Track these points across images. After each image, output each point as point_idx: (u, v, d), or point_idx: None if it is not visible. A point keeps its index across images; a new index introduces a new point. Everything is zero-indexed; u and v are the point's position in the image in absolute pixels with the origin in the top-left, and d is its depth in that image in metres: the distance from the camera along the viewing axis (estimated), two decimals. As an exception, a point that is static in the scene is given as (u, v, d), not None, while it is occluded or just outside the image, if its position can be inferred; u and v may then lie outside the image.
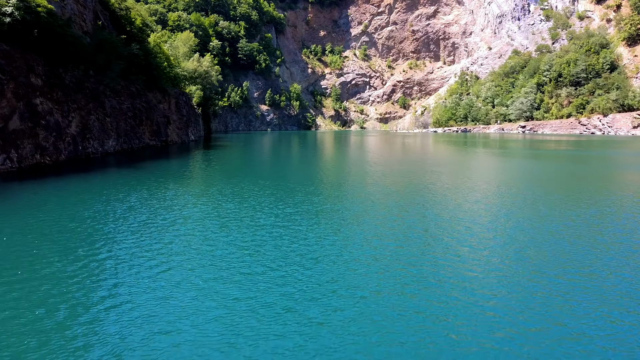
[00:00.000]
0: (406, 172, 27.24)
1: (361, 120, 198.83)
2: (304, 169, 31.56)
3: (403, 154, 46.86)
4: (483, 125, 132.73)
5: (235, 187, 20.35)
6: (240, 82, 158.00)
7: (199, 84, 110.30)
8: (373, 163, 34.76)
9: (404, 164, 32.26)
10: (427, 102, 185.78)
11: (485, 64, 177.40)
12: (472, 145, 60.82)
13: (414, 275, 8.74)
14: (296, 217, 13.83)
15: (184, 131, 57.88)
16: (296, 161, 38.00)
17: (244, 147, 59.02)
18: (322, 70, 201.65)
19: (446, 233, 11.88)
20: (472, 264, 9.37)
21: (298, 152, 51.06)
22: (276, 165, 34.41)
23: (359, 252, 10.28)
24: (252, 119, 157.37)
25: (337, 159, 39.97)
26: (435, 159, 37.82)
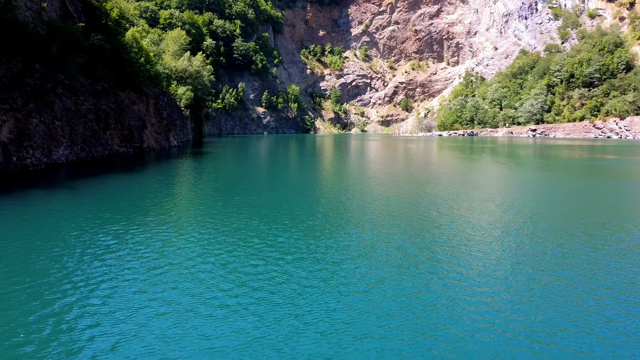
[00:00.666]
0: (409, 190, 22.23)
1: (362, 123, 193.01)
2: (299, 183, 25.77)
3: (406, 164, 41.06)
4: (491, 129, 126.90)
5: (214, 210, 15.70)
6: (236, 83, 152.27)
7: (189, 84, 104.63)
8: (374, 176, 29.04)
9: (407, 179, 26.44)
10: (431, 104, 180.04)
11: (491, 65, 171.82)
12: (480, 151, 54.95)
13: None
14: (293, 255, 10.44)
15: (164, 136, 51.95)
16: (291, 172, 32.15)
17: (234, 153, 53.12)
18: (321, 71, 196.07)
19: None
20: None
21: (293, 160, 45.23)
22: (266, 177, 28.61)
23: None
24: (247, 122, 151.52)
25: (336, 171, 34.11)
26: (440, 172, 31.95)
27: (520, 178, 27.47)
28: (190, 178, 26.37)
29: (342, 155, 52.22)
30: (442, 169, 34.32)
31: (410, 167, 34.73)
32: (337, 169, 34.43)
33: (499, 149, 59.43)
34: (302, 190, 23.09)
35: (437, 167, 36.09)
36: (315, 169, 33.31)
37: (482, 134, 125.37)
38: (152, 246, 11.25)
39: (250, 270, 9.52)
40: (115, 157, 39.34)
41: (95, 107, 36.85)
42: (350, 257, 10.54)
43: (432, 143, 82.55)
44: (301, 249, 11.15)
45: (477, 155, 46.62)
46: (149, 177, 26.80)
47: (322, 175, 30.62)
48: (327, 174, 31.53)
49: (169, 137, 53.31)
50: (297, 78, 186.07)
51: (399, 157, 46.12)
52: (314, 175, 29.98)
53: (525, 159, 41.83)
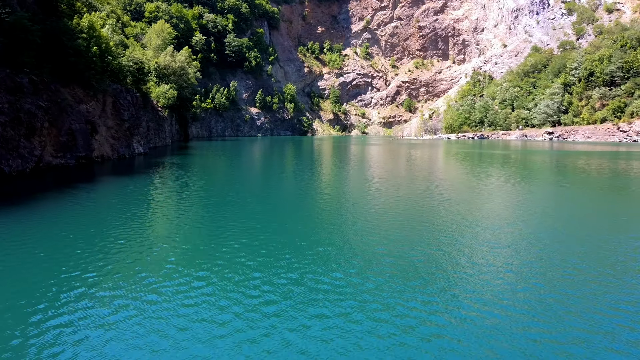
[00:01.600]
0: (411, 215, 17.05)
1: (362, 124, 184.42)
2: (291, 207, 17.20)
3: (409, 176, 32.56)
4: (502, 131, 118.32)
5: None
6: (227, 82, 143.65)
7: (173, 82, 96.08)
8: (374, 195, 21.29)
9: (410, 200, 18.36)
10: (436, 105, 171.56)
11: (500, 63, 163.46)
12: (492, 160, 46.35)
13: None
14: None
15: (124, 141, 43.19)
16: (283, 190, 23.56)
17: (214, 161, 44.42)
18: (319, 70, 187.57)
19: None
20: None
21: (285, 172, 36.63)
22: (249, 197, 19.97)
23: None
24: (240, 123, 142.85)
25: (334, 184, 25.63)
26: (448, 190, 23.70)
27: (542, 202, 19.34)
28: (159, 200, 17.91)
29: (340, 165, 43.65)
30: (451, 186, 26.27)
31: (415, 183, 26.56)
32: (334, 187, 25.91)
33: (514, 157, 50.97)
34: (294, 219, 14.82)
35: (445, 183, 27.89)
36: (309, 189, 24.83)
37: (494, 137, 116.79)
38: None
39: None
40: (47, 171, 30.62)
41: (13, 107, 28.11)
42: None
43: (439, 148, 74.02)
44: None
45: (490, 167, 38.18)
46: (63, 209, 18.03)
47: (318, 196, 22.22)
48: (324, 194, 23.18)
49: (131, 143, 44.51)
50: (293, 77, 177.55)
51: (401, 170, 37.48)
52: (308, 197, 21.61)
53: (546, 173, 33.36)
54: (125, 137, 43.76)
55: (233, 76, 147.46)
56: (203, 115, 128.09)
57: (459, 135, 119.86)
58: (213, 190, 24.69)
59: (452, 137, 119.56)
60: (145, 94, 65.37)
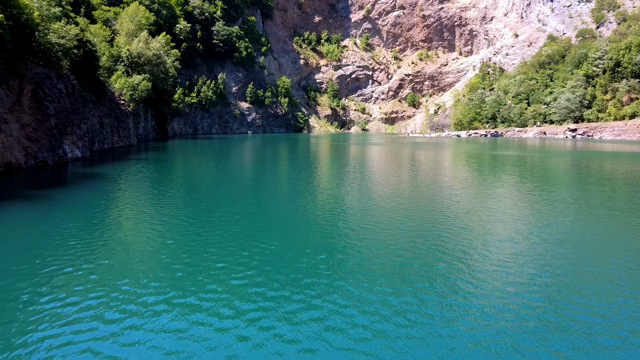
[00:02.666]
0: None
1: (363, 120, 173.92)
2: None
3: (413, 190, 22.80)
4: (518, 128, 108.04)
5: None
6: (215, 74, 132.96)
7: (147, 72, 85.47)
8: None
9: (415, 223, 11.14)
10: (442, 100, 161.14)
11: (511, 54, 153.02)
12: (513, 165, 36.24)
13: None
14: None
15: (48, 143, 32.84)
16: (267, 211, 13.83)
17: (191, 166, 34.14)
18: (316, 62, 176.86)
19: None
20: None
21: (276, 177, 26.51)
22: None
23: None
24: (228, 119, 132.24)
25: (332, 199, 15.99)
26: (463, 212, 15.00)
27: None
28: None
29: (337, 169, 33.59)
30: (466, 205, 17.38)
31: (423, 198, 17.30)
32: (330, 200, 16.18)
33: (538, 161, 40.88)
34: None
35: (459, 199, 18.65)
36: (303, 205, 15.13)
37: (509, 135, 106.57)
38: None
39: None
40: None
41: None
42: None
43: (449, 149, 63.69)
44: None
45: (512, 175, 28.41)
46: None
47: (314, 217, 12.30)
48: (318, 216, 13.20)
49: (60, 146, 34.12)
50: (288, 69, 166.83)
51: (405, 184, 27.63)
52: (301, 215, 11.99)
53: (580, 186, 23.59)
54: (50, 137, 33.33)
55: (222, 68, 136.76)
56: (187, 110, 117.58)
57: (470, 133, 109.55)
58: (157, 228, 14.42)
59: (463, 135, 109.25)
60: (101, 84, 54.95)
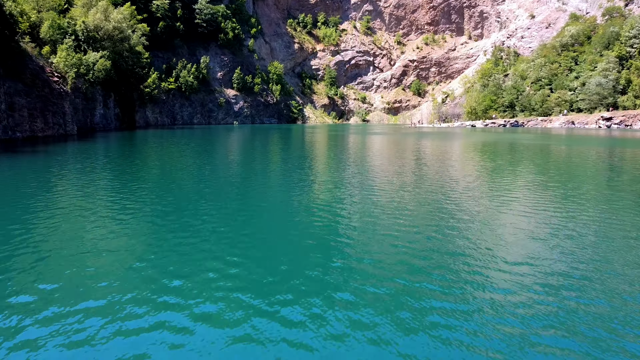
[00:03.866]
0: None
1: (363, 110, 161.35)
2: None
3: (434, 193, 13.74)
4: (541, 117, 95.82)
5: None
6: (198, 57, 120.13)
7: (107, 49, 73.11)
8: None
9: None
10: (450, 87, 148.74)
11: (527, 37, 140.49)
12: (546, 164, 24.83)
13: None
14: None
15: None
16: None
17: (131, 171, 21.90)
18: (312, 47, 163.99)
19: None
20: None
21: (264, 181, 15.14)
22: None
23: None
24: (212, 108, 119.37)
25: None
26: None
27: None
28: None
29: (337, 165, 22.01)
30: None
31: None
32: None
33: (577, 158, 28.77)
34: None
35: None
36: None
37: (531, 125, 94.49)
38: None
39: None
40: None
41: None
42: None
43: (463, 139, 51.48)
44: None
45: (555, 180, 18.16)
46: None
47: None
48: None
49: None
50: (281, 54, 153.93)
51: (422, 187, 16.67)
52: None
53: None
54: None
55: (205, 51, 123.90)
56: (163, 97, 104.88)
57: (486, 122, 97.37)
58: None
59: (478, 125, 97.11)
60: (21, 55, 42.45)
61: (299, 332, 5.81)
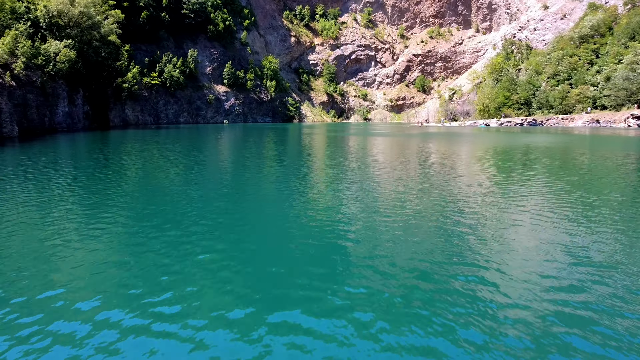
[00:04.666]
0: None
1: (364, 108, 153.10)
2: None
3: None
4: (562, 116, 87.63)
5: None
6: (185, 51, 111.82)
7: (73, 37, 65.01)
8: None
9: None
10: (457, 83, 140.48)
11: (540, 29, 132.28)
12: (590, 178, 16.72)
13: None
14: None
15: None
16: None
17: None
18: (310, 41, 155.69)
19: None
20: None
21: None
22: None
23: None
24: (201, 106, 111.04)
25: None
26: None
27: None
28: None
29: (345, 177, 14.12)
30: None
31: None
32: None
33: (612, 166, 20.67)
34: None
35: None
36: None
37: (551, 124, 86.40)
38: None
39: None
40: None
41: None
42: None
43: (480, 143, 43.26)
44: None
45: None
46: None
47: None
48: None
49: None
50: (277, 48, 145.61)
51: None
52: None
53: None
54: None
55: (193, 44, 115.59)
56: (145, 94, 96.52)
57: (501, 121, 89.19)
58: None
59: (492, 124, 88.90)
60: None
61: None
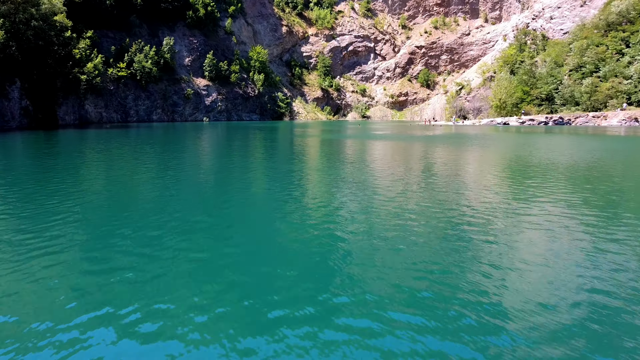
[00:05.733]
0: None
1: (363, 105, 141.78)
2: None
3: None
4: (593, 113, 76.55)
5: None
6: (160, 39, 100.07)
7: (3, 14, 53.73)
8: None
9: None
10: (465, 77, 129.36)
11: (558, 17, 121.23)
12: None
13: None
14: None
15: None
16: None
17: None
18: (303, 31, 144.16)
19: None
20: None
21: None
22: None
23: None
24: (177, 102, 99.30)
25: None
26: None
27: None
28: None
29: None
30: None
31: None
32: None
33: None
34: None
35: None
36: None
37: (580, 122, 75.48)
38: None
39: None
40: None
41: None
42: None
43: (503, 144, 32.27)
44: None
45: None
46: None
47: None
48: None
49: None
50: (266, 38, 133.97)
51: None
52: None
53: None
54: None
55: (170, 31, 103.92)
56: (111, 87, 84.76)
57: (522, 120, 78.15)
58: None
59: (513, 122, 77.83)
60: None
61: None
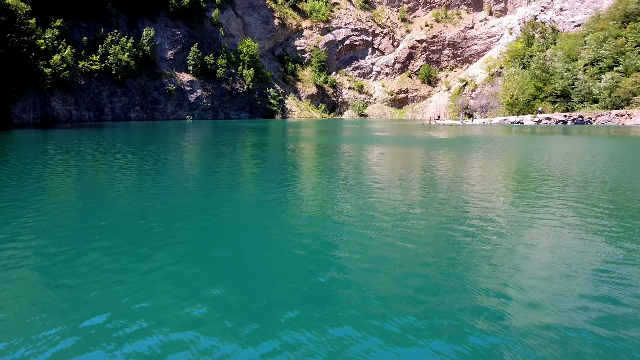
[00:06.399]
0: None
1: (360, 103, 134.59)
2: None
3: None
4: (616, 112, 69.82)
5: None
6: (140, 30, 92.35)
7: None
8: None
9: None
10: (469, 73, 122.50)
11: (568, 9, 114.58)
12: None
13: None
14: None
15: None
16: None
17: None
18: (297, 24, 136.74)
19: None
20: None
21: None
22: None
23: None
24: (158, 98, 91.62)
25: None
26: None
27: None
28: None
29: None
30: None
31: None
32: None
33: None
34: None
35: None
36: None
37: (602, 121, 68.80)
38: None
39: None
40: None
41: None
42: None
43: (529, 147, 25.57)
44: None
45: None
46: None
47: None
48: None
49: None
50: (257, 31, 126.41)
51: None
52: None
53: None
54: None
55: (151, 22, 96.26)
56: (82, 82, 77.08)
57: (538, 118, 71.33)
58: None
59: (527, 121, 71.02)
60: None
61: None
